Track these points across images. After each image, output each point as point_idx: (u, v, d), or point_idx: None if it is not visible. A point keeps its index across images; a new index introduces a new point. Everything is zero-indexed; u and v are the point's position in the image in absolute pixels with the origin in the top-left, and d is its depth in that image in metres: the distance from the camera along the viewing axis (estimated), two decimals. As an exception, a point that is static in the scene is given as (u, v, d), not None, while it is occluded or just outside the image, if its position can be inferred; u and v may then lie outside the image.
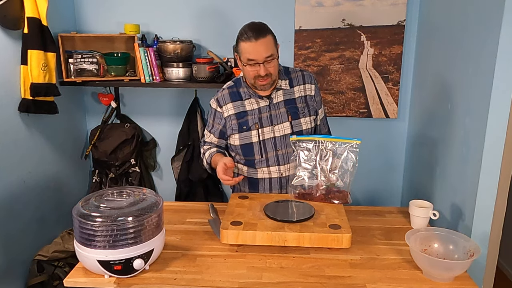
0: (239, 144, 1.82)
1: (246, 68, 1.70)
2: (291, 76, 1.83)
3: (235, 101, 1.82)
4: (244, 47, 1.66)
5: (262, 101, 1.80)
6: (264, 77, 1.69)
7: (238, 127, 1.80)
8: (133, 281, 1.33)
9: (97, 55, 2.48)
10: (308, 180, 1.72)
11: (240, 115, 1.80)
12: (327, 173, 1.71)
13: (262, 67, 1.66)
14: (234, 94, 1.83)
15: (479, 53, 1.66)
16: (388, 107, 2.59)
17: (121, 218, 1.29)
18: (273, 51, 1.67)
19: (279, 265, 1.43)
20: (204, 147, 1.92)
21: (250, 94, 1.80)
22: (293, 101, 1.81)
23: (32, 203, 2.26)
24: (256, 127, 1.79)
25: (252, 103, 1.80)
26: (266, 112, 1.80)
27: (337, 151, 1.71)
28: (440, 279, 1.34)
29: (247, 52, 1.66)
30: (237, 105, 1.81)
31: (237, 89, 1.83)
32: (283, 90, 1.81)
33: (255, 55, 1.65)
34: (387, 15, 2.45)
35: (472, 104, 1.71)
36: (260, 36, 1.64)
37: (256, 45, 1.64)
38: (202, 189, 2.73)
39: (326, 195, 1.70)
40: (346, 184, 1.71)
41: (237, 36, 1.70)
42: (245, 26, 1.69)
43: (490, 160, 1.60)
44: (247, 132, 1.79)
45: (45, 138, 2.35)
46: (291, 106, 1.80)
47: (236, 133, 1.81)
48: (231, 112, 1.81)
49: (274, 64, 1.70)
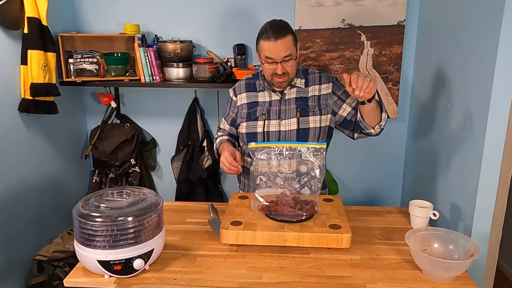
0: (245, 132, 1.86)
1: (264, 66, 1.74)
2: (308, 77, 1.85)
3: (250, 91, 1.88)
4: (264, 46, 1.69)
5: (275, 95, 1.83)
6: (281, 76, 1.72)
7: (247, 116, 1.85)
8: (133, 281, 1.33)
9: (97, 55, 2.47)
10: (270, 189, 1.62)
11: (251, 105, 1.85)
12: (291, 181, 1.64)
13: (280, 66, 1.69)
14: (250, 85, 1.89)
15: (479, 53, 1.66)
16: (388, 107, 2.59)
17: (121, 218, 1.29)
18: (292, 51, 1.69)
19: (279, 265, 1.43)
20: (218, 133, 1.99)
21: (264, 87, 1.85)
22: (305, 99, 1.81)
23: (32, 203, 2.26)
24: (263, 118, 1.82)
25: (264, 96, 1.84)
26: (276, 106, 1.82)
27: (302, 157, 1.61)
28: (440, 279, 1.34)
29: (266, 50, 1.69)
30: (250, 96, 1.87)
31: (254, 81, 1.89)
32: (297, 88, 1.82)
33: (273, 54, 1.68)
34: (387, 15, 2.45)
35: (472, 104, 1.71)
36: (280, 36, 1.65)
37: (275, 44, 1.66)
38: (202, 189, 2.73)
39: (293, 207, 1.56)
40: (313, 191, 1.61)
41: (258, 33, 1.73)
42: (266, 24, 1.71)
43: (490, 160, 1.60)
44: (254, 121, 1.83)
45: (45, 138, 2.35)
46: (301, 103, 1.81)
47: (244, 122, 1.86)
48: (244, 101, 1.87)
49: (292, 64, 1.72)
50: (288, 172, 1.64)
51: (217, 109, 2.70)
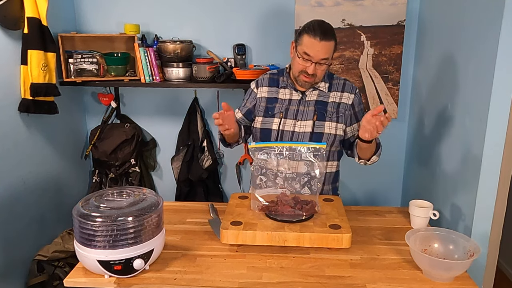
0: (259, 128, 1.83)
1: (297, 60, 1.71)
2: (332, 82, 1.83)
3: (272, 86, 1.85)
4: (306, 41, 1.67)
5: (296, 94, 1.81)
6: (309, 76, 1.70)
7: (264, 111, 1.83)
8: (133, 281, 1.33)
9: (97, 55, 2.47)
10: (270, 189, 1.63)
11: (271, 100, 1.83)
12: (291, 181, 1.64)
13: (313, 66, 1.68)
14: (273, 80, 1.87)
15: (479, 53, 1.66)
16: (388, 107, 2.59)
17: (121, 218, 1.29)
18: (330, 56, 1.69)
19: (279, 265, 1.43)
20: None
21: (287, 84, 1.82)
22: (325, 104, 1.79)
23: (32, 203, 2.25)
24: (280, 116, 1.80)
25: (285, 93, 1.83)
26: (294, 106, 1.80)
27: (302, 157, 1.62)
28: (440, 279, 1.34)
29: (307, 47, 1.67)
30: (271, 91, 1.85)
31: (278, 77, 1.87)
32: (319, 91, 1.80)
33: (312, 52, 1.66)
34: (387, 15, 2.45)
35: (472, 104, 1.71)
36: (326, 38, 1.65)
37: (319, 44, 1.65)
38: (202, 189, 2.73)
39: (293, 207, 1.56)
40: (313, 191, 1.62)
41: (304, 26, 1.71)
42: (315, 22, 1.70)
43: (490, 160, 1.60)
44: (271, 118, 1.81)
45: (45, 138, 2.35)
46: (320, 107, 1.78)
47: (261, 116, 1.83)
48: (264, 95, 1.85)
49: (324, 68, 1.71)
50: (288, 172, 1.64)
51: (217, 109, 2.70)
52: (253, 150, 1.63)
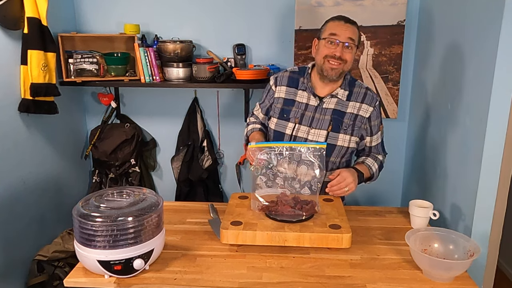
0: (273, 129, 1.81)
1: (323, 46, 1.68)
2: (353, 90, 1.77)
3: (291, 86, 1.80)
4: (331, 25, 1.68)
5: (313, 100, 1.76)
6: (336, 60, 1.65)
7: (280, 112, 1.79)
8: (133, 281, 1.33)
9: (97, 55, 2.47)
10: (270, 189, 1.63)
11: (288, 102, 1.79)
12: (291, 181, 1.64)
13: (340, 47, 1.65)
14: (293, 80, 1.81)
15: (479, 53, 1.66)
16: (388, 107, 2.59)
17: (121, 218, 1.29)
18: (356, 38, 1.68)
19: (279, 265, 1.43)
20: (250, 118, 1.96)
21: (306, 87, 1.77)
22: (342, 114, 1.75)
23: (32, 203, 2.25)
24: (295, 121, 1.76)
25: (303, 97, 1.77)
26: (310, 112, 1.76)
27: (302, 157, 1.61)
28: (440, 279, 1.34)
29: (332, 28, 1.67)
30: (289, 91, 1.80)
31: (298, 76, 1.81)
32: (337, 99, 1.75)
33: (339, 32, 1.65)
34: (387, 15, 2.45)
35: (472, 104, 1.71)
36: (350, 22, 1.68)
37: (344, 25, 1.66)
38: (202, 189, 2.73)
39: (293, 207, 1.57)
40: (313, 191, 1.61)
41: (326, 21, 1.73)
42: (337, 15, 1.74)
43: (490, 160, 1.60)
44: (285, 121, 1.78)
45: (45, 138, 2.35)
46: (337, 118, 1.74)
47: (276, 118, 1.80)
48: (281, 95, 1.81)
49: (352, 53, 1.67)
50: (288, 172, 1.63)
51: (217, 109, 2.70)
52: (253, 150, 1.63)
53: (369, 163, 1.82)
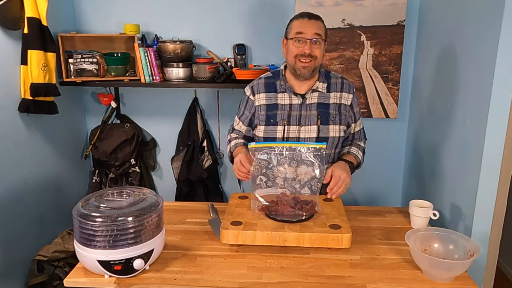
0: (262, 137, 1.79)
1: (291, 45, 1.69)
2: (330, 81, 1.79)
3: (269, 92, 1.79)
4: (295, 24, 1.69)
5: (296, 98, 1.75)
6: (307, 58, 1.66)
7: (266, 119, 1.77)
8: (133, 281, 1.33)
9: (97, 55, 2.47)
10: (270, 189, 1.62)
11: (271, 107, 1.77)
12: (291, 181, 1.63)
13: (308, 45, 1.65)
14: (270, 85, 1.80)
15: (479, 53, 1.66)
16: (388, 107, 2.59)
17: (121, 218, 1.29)
18: (323, 33, 1.68)
19: (279, 265, 1.43)
20: (231, 134, 1.93)
21: (285, 88, 1.76)
22: (327, 106, 1.76)
23: (32, 203, 2.25)
24: (284, 123, 1.75)
25: (285, 98, 1.77)
26: (296, 111, 1.75)
27: (302, 157, 1.61)
28: (440, 279, 1.34)
29: (297, 27, 1.67)
30: (269, 97, 1.78)
31: (274, 80, 1.80)
32: (318, 93, 1.76)
33: (304, 29, 1.66)
34: (387, 15, 2.45)
35: (472, 104, 1.71)
36: (314, 18, 1.68)
37: (308, 22, 1.67)
38: (202, 189, 2.73)
39: (293, 207, 1.57)
40: (313, 191, 1.61)
41: (290, 20, 1.74)
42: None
43: (490, 160, 1.60)
44: (273, 126, 1.76)
45: (45, 138, 2.35)
46: (323, 111, 1.75)
47: (263, 125, 1.78)
48: (262, 102, 1.79)
49: (321, 48, 1.68)
50: (288, 172, 1.63)
51: (217, 109, 2.70)
52: (253, 150, 1.63)
53: (354, 151, 1.84)
